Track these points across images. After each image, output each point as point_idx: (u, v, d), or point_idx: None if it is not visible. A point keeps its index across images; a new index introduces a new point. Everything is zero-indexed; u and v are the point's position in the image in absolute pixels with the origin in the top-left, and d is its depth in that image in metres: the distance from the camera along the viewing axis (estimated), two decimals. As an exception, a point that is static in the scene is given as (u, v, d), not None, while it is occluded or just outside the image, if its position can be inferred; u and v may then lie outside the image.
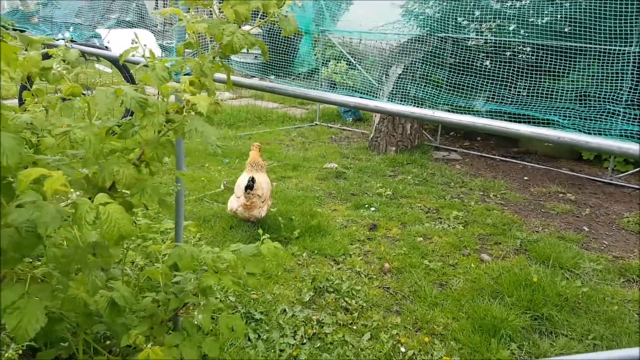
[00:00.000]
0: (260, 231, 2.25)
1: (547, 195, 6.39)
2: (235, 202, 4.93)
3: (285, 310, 3.57)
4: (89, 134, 1.42)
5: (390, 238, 4.92)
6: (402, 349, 3.15)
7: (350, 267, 4.28)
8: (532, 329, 3.34)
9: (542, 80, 5.81)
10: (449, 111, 2.50)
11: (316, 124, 10.06)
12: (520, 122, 5.15)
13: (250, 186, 4.77)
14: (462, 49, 6.60)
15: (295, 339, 3.23)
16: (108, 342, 2.56)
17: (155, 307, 2.32)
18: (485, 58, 6.61)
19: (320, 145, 8.50)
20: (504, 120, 1.69)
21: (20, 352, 1.56)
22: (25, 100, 2.05)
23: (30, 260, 1.98)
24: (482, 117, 1.73)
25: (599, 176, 7.14)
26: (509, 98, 5.97)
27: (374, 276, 4.13)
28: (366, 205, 5.71)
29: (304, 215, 5.27)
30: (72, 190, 1.30)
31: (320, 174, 6.89)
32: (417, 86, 6.93)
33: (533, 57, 6.10)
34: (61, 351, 2.31)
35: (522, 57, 6.32)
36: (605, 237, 5.11)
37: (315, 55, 9.25)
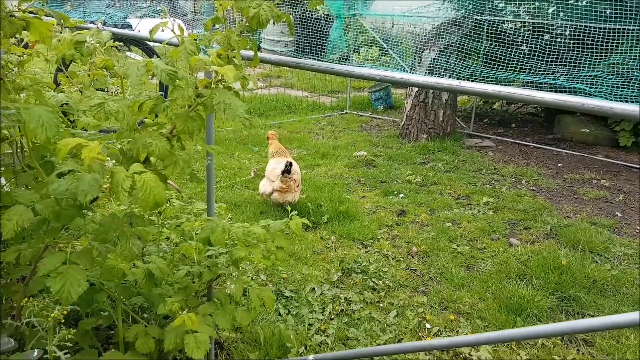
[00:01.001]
0: (289, 208, 2.33)
1: (580, 181, 6.26)
2: (268, 187, 5.05)
3: (314, 288, 3.68)
4: (122, 106, 1.53)
5: (418, 223, 4.95)
6: (428, 326, 3.21)
7: (378, 250, 4.35)
8: (559, 309, 3.34)
9: (582, 64, 5.65)
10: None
11: (346, 113, 10.09)
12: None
13: (288, 170, 4.88)
14: (498, 32, 6.47)
15: (323, 315, 3.34)
16: (145, 314, 2.72)
17: (189, 280, 2.45)
18: (522, 42, 6.48)
19: (350, 133, 8.54)
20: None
21: (65, 312, 1.70)
22: (60, 82, 2.19)
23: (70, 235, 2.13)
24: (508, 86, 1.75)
25: (636, 163, 6.93)
26: (546, 84, 5.84)
27: (402, 259, 4.18)
28: (395, 192, 5.75)
29: (333, 201, 5.35)
30: (107, 158, 1.42)
31: (349, 162, 6.96)
32: (451, 70, 6.86)
33: (572, 41, 5.93)
34: (101, 320, 2.47)
35: (560, 40, 6.16)
36: (639, 223, 4.99)
37: (346, 41, 9.25)
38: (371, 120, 9.66)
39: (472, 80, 6.47)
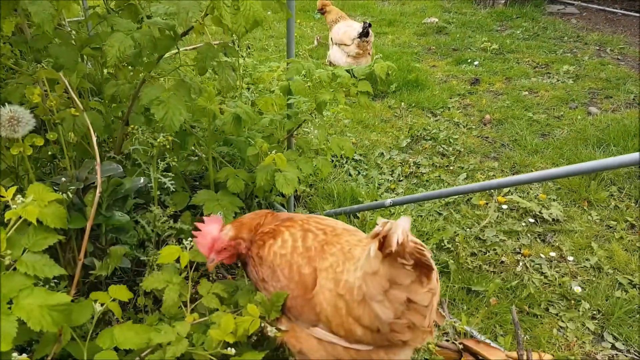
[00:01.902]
0: (374, 51, 2.26)
1: (675, 50, 5.66)
2: (340, 55, 4.86)
3: (382, 153, 3.73)
4: None
5: (492, 92, 4.76)
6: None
7: (448, 119, 4.27)
8: (635, 175, 3.23)
9: None
10: None
11: (415, -22, 9.33)
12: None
13: (366, 32, 4.65)
14: None
15: (392, 176, 3.42)
16: (231, 164, 2.89)
17: (273, 129, 2.54)
18: None
19: (419, -1, 7.97)
20: None
21: (169, 144, 1.82)
22: None
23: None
24: None
25: None
26: None
27: (473, 127, 4.10)
28: (468, 60, 5.47)
29: (401, 70, 5.17)
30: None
31: (418, 29, 6.59)
32: None
33: None
34: (192, 166, 2.66)
35: None
36: None
37: None
38: (442, -14, 8.92)
39: None
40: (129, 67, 2.10)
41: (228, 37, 2.10)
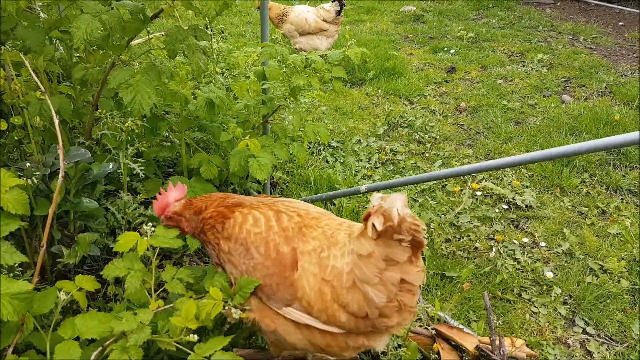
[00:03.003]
0: (348, 36, 2.22)
1: (645, 40, 5.79)
2: (317, 40, 4.83)
3: (359, 140, 3.73)
4: None
5: (468, 80, 4.79)
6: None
7: (424, 106, 4.28)
8: (607, 162, 3.30)
9: None
10: None
11: (393, -34, 9.29)
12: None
13: (341, 8, 4.72)
14: None
15: (369, 163, 3.42)
16: (204, 150, 2.85)
17: (248, 114, 2.50)
18: None
19: (397, -13, 7.95)
20: None
21: (138, 129, 1.78)
22: None
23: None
24: None
25: None
26: None
27: (449, 114, 4.13)
28: (445, 49, 5.49)
29: (379, 57, 5.17)
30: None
31: (396, 17, 6.58)
32: None
33: None
34: (164, 152, 2.60)
35: None
36: None
37: None
38: (420, -26, 8.91)
39: None
40: (100, 50, 2.04)
41: (201, 21, 2.05)
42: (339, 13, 4.74)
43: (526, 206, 2.89)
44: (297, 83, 2.01)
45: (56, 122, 1.52)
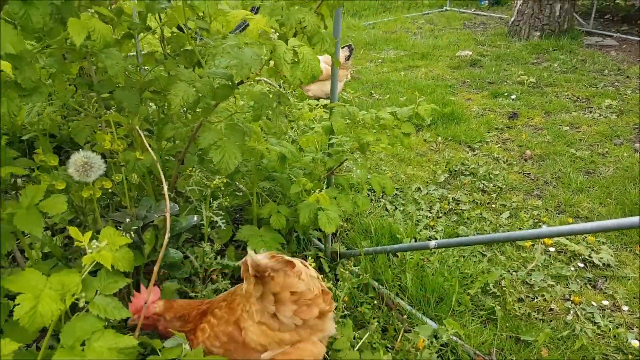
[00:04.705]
0: (417, 93, 2.26)
1: None
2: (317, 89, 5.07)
3: (419, 188, 3.70)
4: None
5: (532, 126, 4.69)
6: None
7: (487, 153, 4.22)
8: (694, 219, 3.10)
9: None
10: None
11: (446, 10, 9.41)
12: None
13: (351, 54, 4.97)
14: None
15: (431, 213, 3.38)
16: (272, 199, 2.91)
17: (314, 166, 2.56)
18: None
19: (452, 32, 8.01)
20: None
21: (224, 181, 1.86)
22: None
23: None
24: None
25: None
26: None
27: (514, 162, 4.04)
28: (505, 94, 5.43)
29: (436, 103, 5.17)
30: (272, 30, 1.44)
31: (452, 62, 6.60)
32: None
33: None
34: (237, 200, 2.69)
35: None
36: None
37: None
38: (475, 18, 8.96)
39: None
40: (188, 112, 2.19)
41: (276, 80, 2.16)
42: (348, 58, 4.90)
43: (604, 264, 2.75)
44: (367, 139, 2.05)
45: (164, 183, 1.63)
